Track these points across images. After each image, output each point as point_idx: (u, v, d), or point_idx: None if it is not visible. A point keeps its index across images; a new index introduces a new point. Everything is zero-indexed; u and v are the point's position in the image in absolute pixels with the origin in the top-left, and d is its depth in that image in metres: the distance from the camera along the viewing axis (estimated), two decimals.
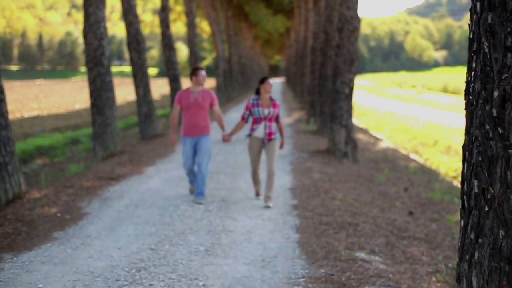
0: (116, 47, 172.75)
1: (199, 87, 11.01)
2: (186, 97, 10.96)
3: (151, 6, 66.88)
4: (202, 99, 10.95)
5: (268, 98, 10.69)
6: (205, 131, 11.04)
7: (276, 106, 10.70)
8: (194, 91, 11.00)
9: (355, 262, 7.33)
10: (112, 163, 15.94)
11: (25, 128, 30.34)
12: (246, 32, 76.16)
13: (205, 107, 10.98)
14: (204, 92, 11.04)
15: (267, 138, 10.70)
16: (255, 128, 10.75)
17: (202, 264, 7.40)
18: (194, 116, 10.94)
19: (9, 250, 8.08)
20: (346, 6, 16.63)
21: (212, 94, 11.11)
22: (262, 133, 10.73)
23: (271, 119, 10.72)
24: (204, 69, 11.18)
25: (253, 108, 10.68)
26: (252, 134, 10.80)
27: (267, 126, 10.69)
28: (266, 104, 10.67)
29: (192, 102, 10.90)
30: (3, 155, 10.77)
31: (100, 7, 17.13)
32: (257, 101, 10.70)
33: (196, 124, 10.94)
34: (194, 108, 10.92)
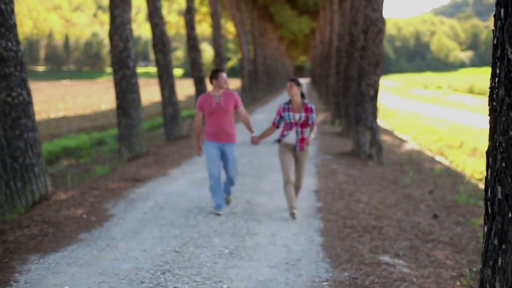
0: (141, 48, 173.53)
1: (220, 90, 10.24)
2: (207, 102, 10.19)
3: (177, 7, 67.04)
4: (225, 103, 10.15)
5: (300, 102, 9.89)
6: (231, 139, 10.31)
7: (308, 110, 9.82)
8: (216, 95, 10.23)
9: (379, 265, 7.33)
10: (137, 164, 16.03)
11: (51, 129, 30.60)
12: (271, 33, 76.17)
13: (230, 110, 10.20)
14: (226, 94, 10.23)
15: (299, 145, 9.87)
16: (286, 134, 9.93)
17: (226, 267, 7.44)
18: (219, 121, 10.19)
19: (36, 252, 8.17)
20: (371, 8, 16.59)
21: (235, 96, 10.28)
22: (293, 139, 9.91)
23: (303, 124, 9.85)
24: (225, 71, 10.36)
25: (284, 112, 9.91)
26: (282, 140, 9.99)
27: (299, 132, 9.85)
28: (298, 108, 9.86)
29: (214, 107, 10.13)
30: (30, 157, 10.88)
31: (125, 9, 17.24)
32: (288, 106, 9.92)
33: (221, 129, 10.21)
34: (218, 114, 10.16)
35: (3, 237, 8.94)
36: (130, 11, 17.52)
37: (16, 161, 10.68)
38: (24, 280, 7.01)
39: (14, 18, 10.82)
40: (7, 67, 10.53)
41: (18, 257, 7.89)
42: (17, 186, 10.72)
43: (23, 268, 7.46)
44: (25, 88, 10.89)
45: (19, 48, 10.81)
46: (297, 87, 9.87)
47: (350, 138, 21.02)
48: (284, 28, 66.46)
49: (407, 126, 33.04)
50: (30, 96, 11.07)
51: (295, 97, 9.89)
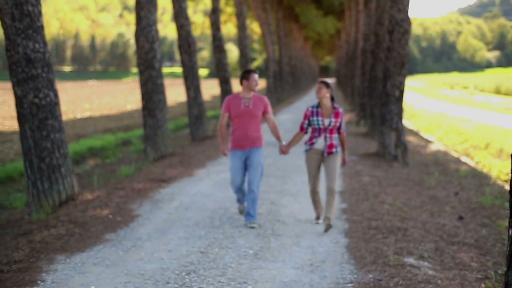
0: (167, 48, 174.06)
1: (250, 92, 9.54)
2: (235, 104, 9.51)
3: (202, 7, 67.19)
4: (254, 107, 9.48)
5: (330, 105, 9.27)
6: (257, 143, 9.60)
7: (339, 115, 9.24)
8: (245, 97, 9.53)
9: (404, 267, 7.33)
10: (163, 165, 16.11)
11: (77, 129, 30.80)
12: (296, 33, 76.12)
13: (257, 116, 9.52)
14: (256, 98, 9.57)
15: (327, 150, 9.30)
16: (315, 142, 9.35)
17: (251, 268, 7.47)
18: (245, 126, 9.50)
19: (62, 251, 8.26)
20: (396, 8, 16.55)
21: (265, 100, 9.63)
22: (322, 145, 9.33)
23: (332, 130, 9.28)
24: (257, 72, 9.65)
25: (312, 117, 9.28)
26: (311, 147, 9.42)
27: (328, 137, 9.28)
28: (327, 112, 9.24)
29: (242, 111, 9.47)
30: (57, 158, 10.97)
31: (151, 10, 17.33)
32: (316, 109, 9.27)
33: (247, 135, 9.51)
34: (245, 117, 9.47)
35: (30, 236, 9.04)
36: (156, 12, 17.62)
37: (43, 161, 10.79)
38: (51, 279, 7.09)
39: (41, 20, 10.94)
40: (34, 69, 10.64)
41: (45, 257, 7.98)
42: (44, 186, 10.82)
43: (50, 267, 7.54)
44: (52, 89, 10.99)
45: (46, 49, 10.91)
46: (326, 89, 9.25)
47: (376, 139, 20.98)
48: (309, 28, 66.41)
49: (433, 127, 32.87)
50: (57, 97, 11.17)
51: (324, 100, 9.24)
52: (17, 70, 10.61)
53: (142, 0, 17.25)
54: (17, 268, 7.52)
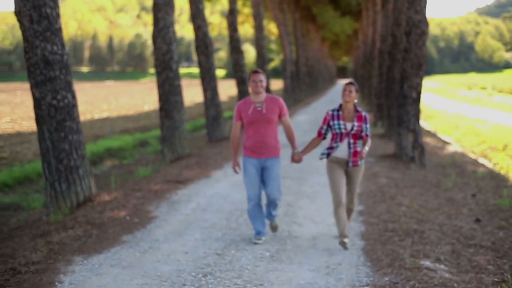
0: (184, 48, 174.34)
1: (260, 95, 8.61)
2: (246, 110, 8.61)
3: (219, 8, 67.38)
4: (268, 111, 8.53)
5: (352, 108, 8.43)
6: (274, 152, 8.66)
7: (362, 119, 8.38)
8: (256, 101, 8.61)
9: (420, 270, 7.32)
10: (180, 166, 16.15)
11: (95, 129, 30.91)
12: (313, 34, 76.07)
13: (272, 120, 8.54)
14: (269, 100, 8.63)
15: (352, 160, 8.45)
16: (335, 147, 8.47)
17: (267, 270, 7.50)
18: (259, 133, 8.57)
19: (80, 253, 8.32)
20: (414, 9, 16.51)
21: (279, 102, 8.66)
22: (345, 153, 8.46)
23: (355, 135, 8.40)
24: (262, 73, 8.63)
25: (333, 121, 8.45)
26: (331, 154, 8.53)
27: (352, 144, 8.40)
28: (349, 116, 8.41)
29: (254, 116, 8.54)
30: (75, 159, 11.04)
31: (169, 12, 17.40)
32: (337, 113, 8.45)
33: (262, 143, 8.59)
34: (258, 123, 8.52)
35: (48, 238, 9.10)
36: (173, 13, 17.68)
37: (61, 163, 10.86)
38: (68, 281, 7.16)
39: (59, 22, 11.01)
40: (52, 71, 10.71)
41: (63, 258, 8.05)
42: (62, 187, 10.89)
43: (68, 269, 7.61)
44: (70, 91, 11.06)
45: (64, 51, 10.98)
46: (356, 94, 8.38)
47: (393, 140, 20.93)
48: (326, 29, 66.38)
49: (450, 128, 32.74)
50: (75, 99, 11.24)
51: (349, 104, 8.40)
52: (35, 72, 10.69)
53: (160, 2, 17.32)
54: (35, 269, 7.59)
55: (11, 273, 7.51)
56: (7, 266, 7.78)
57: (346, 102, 8.39)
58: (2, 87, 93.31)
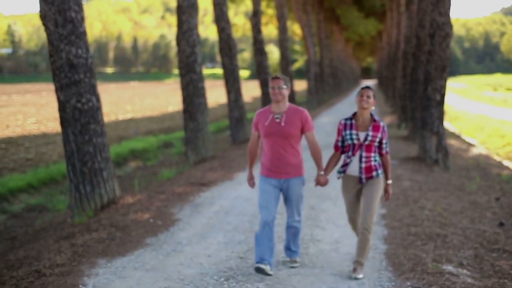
0: (208, 49, 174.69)
1: (282, 105, 7.46)
2: (263, 121, 7.49)
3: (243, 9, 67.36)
4: (287, 124, 7.36)
5: (368, 116, 7.41)
6: (295, 171, 7.50)
7: (379, 129, 7.34)
8: (275, 111, 7.47)
9: (442, 275, 7.30)
10: (203, 168, 16.21)
11: (119, 131, 31.09)
12: (337, 35, 75.97)
13: (291, 135, 7.37)
14: (291, 112, 7.44)
15: (364, 175, 7.38)
16: (349, 162, 7.45)
17: (290, 274, 7.51)
18: (277, 148, 7.42)
19: (104, 256, 8.38)
20: (438, 11, 16.44)
21: (303, 115, 7.44)
22: (356, 169, 7.42)
23: (369, 147, 7.35)
24: (284, 78, 7.46)
25: (345, 131, 7.44)
26: (346, 171, 7.52)
27: (364, 157, 7.35)
28: (364, 125, 7.38)
29: (270, 128, 7.40)
30: (99, 161, 11.12)
31: (192, 14, 17.46)
32: (350, 121, 7.43)
33: (280, 160, 7.45)
34: (275, 137, 7.39)
35: (73, 240, 9.18)
36: (197, 16, 17.75)
37: (85, 165, 10.94)
38: (92, 284, 7.22)
39: (84, 26, 11.10)
40: (77, 74, 10.80)
41: (87, 261, 8.12)
42: (86, 189, 10.97)
43: (91, 271, 7.68)
44: (95, 94, 11.15)
45: (89, 55, 11.07)
46: (373, 100, 7.45)
47: (416, 143, 20.85)
48: (350, 30, 66.30)
49: (475, 130, 32.56)
50: (99, 102, 11.32)
51: (365, 111, 7.40)
52: (60, 76, 10.78)
53: (184, 4, 17.39)
54: (60, 271, 7.66)
55: (35, 275, 7.58)
56: (32, 268, 7.86)
57: (363, 109, 7.36)
58: (28, 88, 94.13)
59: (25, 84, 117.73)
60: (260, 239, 7.39)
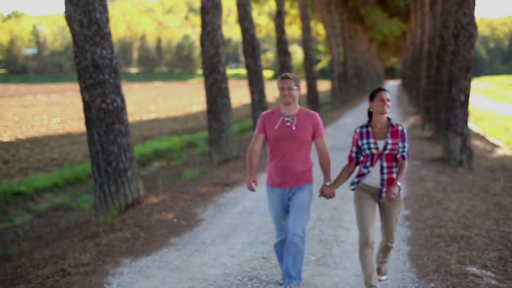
0: (232, 49, 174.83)
1: (292, 107, 6.80)
2: (272, 123, 6.79)
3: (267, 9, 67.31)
4: (298, 128, 6.70)
5: (385, 122, 6.68)
6: (303, 179, 6.79)
7: (398, 135, 6.61)
8: (286, 114, 6.79)
9: (466, 277, 7.27)
10: (227, 168, 16.24)
11: (143, 131, 31.26)
12: (361, 35, 75.77)
13: (303, 140, 6.71)
14: (303, 116, 6.79)
15: (385, 187, 6.65)
16: (366, 173, 6.71)
17: (313, 274, 7.53)
18: (286, 155, 6.72)
19: (128, 255, 8.45)
20: (462, 12, 16.36)
21: (315, 119, 6.79)
22: (377, 180, 6.69)
23: (390, 156, 6.65)
24: (294, 78, 6.80)
25: (361, 140, 6.71)
26: (360, 182, 6.79)
27: (385, 169, 6.63)
28: (382, 132, 6.64)
29: (280, 132, 6.71)
30: (123, 161, 11.19)
31: (216, 15, 17.51)
32: (366, 129, 6.70)
33: (287, 168, 6.74)
34: (285, 142, 6.70)
35: (97, 239, 9.25)
36: (221, 16, 17.78)
37: (110, 165, 11.02)
38: (116, 283, 7.28)
39: (108, 26, 11.18)
40: (102, 75, 10.88)
41: (111, 260, 8.18)
42: (111, 189, 11.05)
43: (116, 271, 7.74)
44: (119, 94, 11.22)
45: (113, 56, 11.15)
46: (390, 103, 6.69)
47: (441, 144, 20.75)
48: (374, 30, 66.06)
49: (500, 130, 32.33)
50: (124, 102, 11.40)
51: (382, 117, 6.68)
52: (85, 76, 10.87)
53: (207, 5, 17.44)
54: (85, 270, 7.72)
55: (61, 274, 7.65)
56: (57, 267, 7.93)
57: (382, 114, 6.62)
58: (53, 88, 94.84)
59: (50, 84, 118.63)
60: (280, 250, 7.00)
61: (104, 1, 11.13)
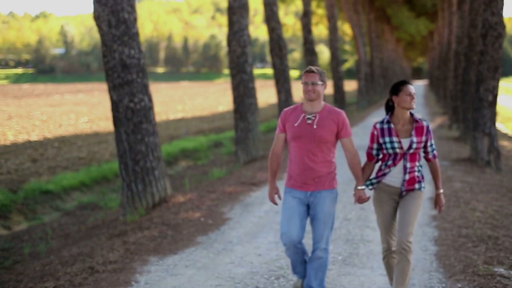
0: (258, 49, 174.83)
1: (315, 104, 6.20)
2: (293, 121, 6.21)
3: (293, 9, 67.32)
4: (320, 126, 6.10)
5: (408, 118, 6.21)
6: (326, 183, 6.21)
7: (423, 131, 6.14)
8: (308, 111, 6.20)
9: (494, 277, 7.23)
10: (253, 168, 16.26)
11: (170, 130, 31.37)
12: (388, 35, 75.46)
13: (325, 140, 6.12)
14: (326, 113, 6.18)
15: (406, 187, 6.24)
16: (387, 173, 6.27)
17: (339, 274, 7.53)
18: (305, 155, 6.14)
19: (156, 253, 8.50)
20: (490, 11, 16.26)
21: (340, 117, 6.17)
22: (398, 180, 6.25)
23: (414, 155, 6.19)
24: (319, 72, 6.19)
25: (383, 137, 6.22)
26: (381, 181, 6.36)
27: (408, 168, 6.19)
28: (405, 129, 6.18)
29: (300, 130, 6.14)
30: (151, 161, 11.26)
31: (243, 15, 17.54)
32: (388, 125, 6.21)
33: (308, 169, 6.16)
34: (305, 142, 6.12)
35: (125, 238, 9.32)
36: (248, 16, 17.82)
37: (137, 164, 11.09)
38: (144, 280, 7.33)
39: (136, 26, 11.25)
40: (129, 74, 10.95)
41: (139, 258, 8.24)
42: (138, 188, 11.12)
43: (143, 269, 7.79)
44: (147, 94, 11.29)
45: (141, 55, 11.22)
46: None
47: (468, 144, 20.64)
48: (401, 30, 65.70)
49: None
50: (151, 102, 11.47)
51: (406, 113, 6.20)
52: (113, 76, 10.95)
53: (234, 5, 17.48)
54: (112, 268, 7.79)
55: (89, 271, 7.73)
56: (86, 265, 8.01)
57: (408, 109, 6.16)
58: (80, 88, 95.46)
59: (77, 84, 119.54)
60: (293, 257, 6.48)
61: (133, 1, 11.21)
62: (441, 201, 6.43)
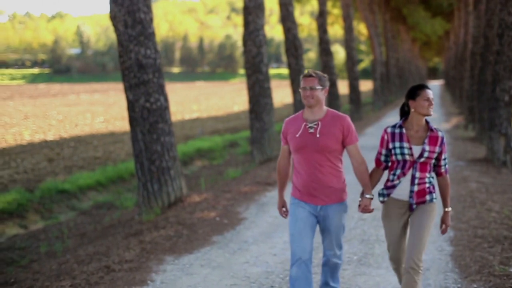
0: (274, 49, 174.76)
1: (317, 111, 5.76)
2: (294, 131, 5.78)
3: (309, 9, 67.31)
4: (323, 135, 5.65)
5: (423, 125, 5.73)
6: (334, 196, 5.77)
7: (437, 141, 5.64)
8: (309, 119, 5.75)
9: (510, 278, 7.21)
10: (269, 168, 16.28)
11: (186, 130, 31.42)
12: (404, 35, 75.27)
13: (329, 149, 5.66)
14: (329, 120, 5.73)
15: (415, 200, 5.71)
16: (397, 184, 5.73)
17: (355, 274, 7.54)
18: (311, 166, 5.70)
19: (171, 253, 8.54)
20: (506, 11, 16.20)
21: (345, 123, 5.70)
22: (406, 192, 5.72)
23: (425, 165, 5.67)
24: (318, 76, 5.72)
25: (393, 142, 5.75)
26: (390, 195, 5.82)
27: (417, 179, 5.66)
28: (418, 136, 5.70)
29: (302, 141, 5.70)
30: (166, 160, 11.30)
31: (259, 15, 17.56)
32: (400, 130, 5.75)
33: (315, 182, 5.71)
34: (308, 152, 5.68)
35: (141, 237, 9.36)
36: (263, 16, 17.84)
37: (153, 164, 11.13)
38: (160, 280, 7.37)
39: (152, 26, 11.30)
40: (145, 74, 10.99)
41: (155, 257, 8.28)
42: (154, 188, 11.16)
43: (159, 268, 7.84)
44: (163, 94, 11.33)
45: (157, 55, 11.26)
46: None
47: (484, 144, 20.58)
48: (417, 30, 65.48)
49: None
50: (167, 102, 11.51)
51: (422, 118, 5.71)
52: (129, 76, 10.99)
53: (250, 5, 17.50)
54: (128, 267, 7.83)
55: (105, 270, 7.77)
56: (102, 264, 8.06)
57: (423, 115, 5.67)
58: (96, 87, 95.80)
59: (93, 84, 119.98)
60: (296, 278, 5.72)
61: (149, 1, 11.26)
62: (448, 221, 5.89)
